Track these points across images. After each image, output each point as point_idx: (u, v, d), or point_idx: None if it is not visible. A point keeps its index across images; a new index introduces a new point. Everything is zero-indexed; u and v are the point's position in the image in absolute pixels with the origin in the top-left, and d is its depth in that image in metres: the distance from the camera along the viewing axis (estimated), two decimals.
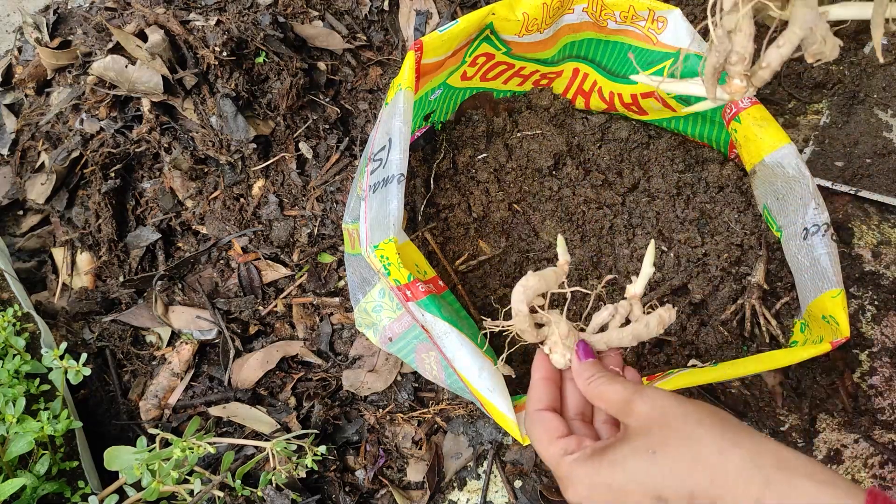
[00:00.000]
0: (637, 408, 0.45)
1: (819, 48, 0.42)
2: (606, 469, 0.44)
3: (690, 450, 0.41)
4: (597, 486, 0.44)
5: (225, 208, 0.84)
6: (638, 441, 0.43)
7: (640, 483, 0.42)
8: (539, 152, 0.81)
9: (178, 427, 0.77)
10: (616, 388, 0.47)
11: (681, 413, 0.43)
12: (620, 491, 0.43)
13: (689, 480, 0.41)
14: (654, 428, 0.43)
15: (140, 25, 0.82)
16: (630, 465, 0.43)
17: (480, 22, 0.70)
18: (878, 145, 0.89)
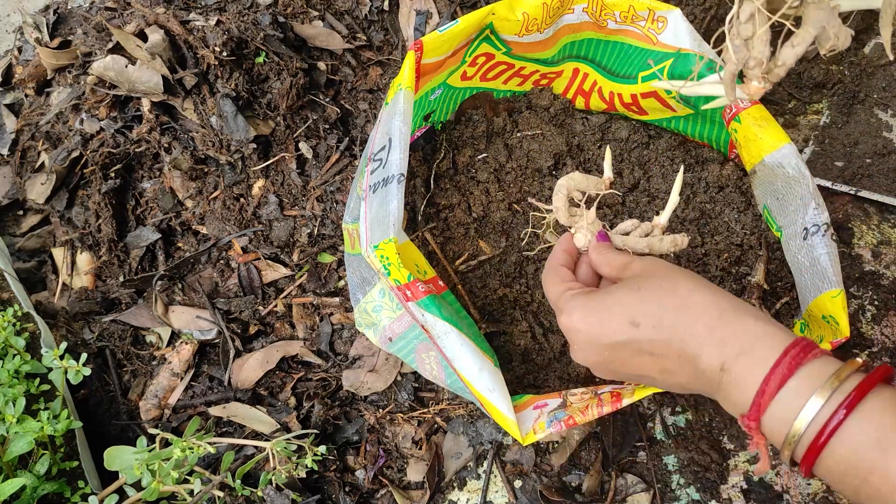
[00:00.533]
0: (633, 266, 0.53)
1: (833, 43, 0.44)
2: (597, 297, 0.52)
3: (667, 287, 0.49)
4: (587, 310, 0.51)
5: (225, 208, 0.84)
6: (627, 282, 0.51)
7: (621, 309, 0.49)
8: (539, 152, 0.81)
9: (178, 427, 0.77)
10: (620, 255, 0.56)
11: (666, 267, 0.51)
12: (605, 313, 0.50)
13: (660, 310, 0.48)
14: (642, 273, 0.52)
15: (140, 25, 0.82)
16: (617, 294, 0.51)
17: (480, 22, 0.70)
18: (878, 145, 0.89)
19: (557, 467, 0.77)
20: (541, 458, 0.77)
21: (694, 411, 0.80)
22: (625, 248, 0.58)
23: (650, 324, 0.48)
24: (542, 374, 0.74)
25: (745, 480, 0.76)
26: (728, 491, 0.76)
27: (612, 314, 0.50)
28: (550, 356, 0.74)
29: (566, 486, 0.76)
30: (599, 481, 0.76)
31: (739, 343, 0.45)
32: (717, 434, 0.79)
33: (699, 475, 0.76)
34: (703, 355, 0.46)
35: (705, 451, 0.77)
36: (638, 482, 0.76)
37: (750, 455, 0.78)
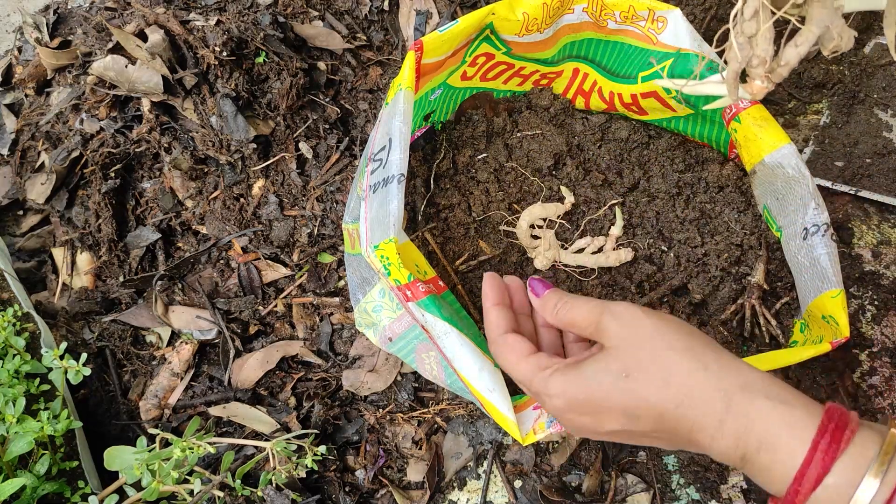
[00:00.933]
0: (607, 327, 0.47)
1: (836, 43, 0.44)
2: (582, 383, 0.46)
3: (661, 373, 0.44)
4: (574, 397, 0.46)
5: (225, 208, 0.84)
6: (611, 362, 0.45)
7: (615, 401, 0.45)
8: (539, 152, 0.81)
9: (178, 427, 0.77)
10: (583, 309, 0.49)
11: (651, 333, 0.45)
12: (596, 405, 0.45)
13: (659, 402, 0.43)
14: (626, 348, 0.45)
15: (140, 25, 0.82)
16: (605, 383, 0.45)
17: (480, 22, 0.70)
18: (878, 145, 0.89)
19: (557, 467, 0.77)
20: (541, 458, 0.77)
21: None
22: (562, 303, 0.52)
23: (650, 417, 0.44)
24: None
25: (745, 480, 0.76)
26: (728, 491, 0.76)
27: (607, 406, 0.45)
28: None
29: (566, 486, 0.76)
30: (599, 481, 0.76)
31: (757, 437, 0.41)
32: None
33: (699, 475, 0.76)
34: (718, 447, 0.42)
35: None
36: (638, 482, 0.76)
37: None
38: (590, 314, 0.48)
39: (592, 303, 0.48)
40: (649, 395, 0.43)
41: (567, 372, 0.46)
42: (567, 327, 0.50)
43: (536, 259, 0.76)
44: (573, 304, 0.50)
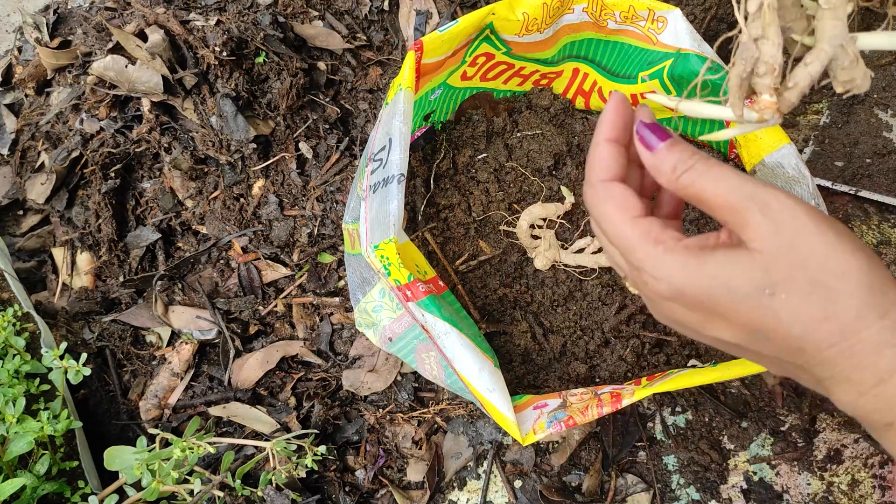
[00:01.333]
0: (756, 223, 0.34)
1: (850, 73, 0.38)
2: (705, 279, 0.35)
3: (821, 303, 0.33)
4: (686, 290, 0.35)
5: (225, 208, 0.84)
6: (753, 268, 0.34)
7: (745, 315, 0.34)
8: (539, 152, 0.81)
9: (178, 427, 0.77)
10: (720, 186, 0.35)
11: (820, 249, 0.33)
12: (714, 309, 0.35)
13: (806, 336, 0.33)
14: (778, 258, 0.34)
15: (140, 25, 0.82)
16: (738, 291, 0.34)
17: (480, 22, 0.70)
18: (878, 145, 0.89)
19: (557, 467, 0.77)
20: (541, 458, 0.77)
21: (694, 411, 0.80)
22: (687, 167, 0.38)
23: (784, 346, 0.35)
24: (542, 375, 0.74)
25: (745, 480, 0.76)
26: (728, 491, 0.76)
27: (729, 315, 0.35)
28: (550, 356, 0.74)
29: (566, 486, 0.76)
30: (599, 481, 0.76)
31: None
32: (717, 434, 0.79)
33: (699, 475, 0.76)
34: (862, 404, 0.34)
35: (705, 451, 0.77)
36: (638, 482, 0.76)
37: (750, 455, 0.78)
38: (730, 196, 0.35)
39: (735, 179, 0.35)
40: (795, 325, 0.33)
41: (688, 257, 0.35)
42: (691, 200, 0.37)
43: (536, 259, 0.76)
44: (705, 171, 0.36)
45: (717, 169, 0.36)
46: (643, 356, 0.74)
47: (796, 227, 0.34)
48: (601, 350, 0.74)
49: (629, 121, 0.41)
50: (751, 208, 0.34)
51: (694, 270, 0.35)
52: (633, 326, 0.75)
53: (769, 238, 0.34)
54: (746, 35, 0.38)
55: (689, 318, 0.37)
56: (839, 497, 0.76)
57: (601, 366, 0.74)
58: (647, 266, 0.36)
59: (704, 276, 0.35)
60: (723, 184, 0.35)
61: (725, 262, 0.34)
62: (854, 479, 0.76)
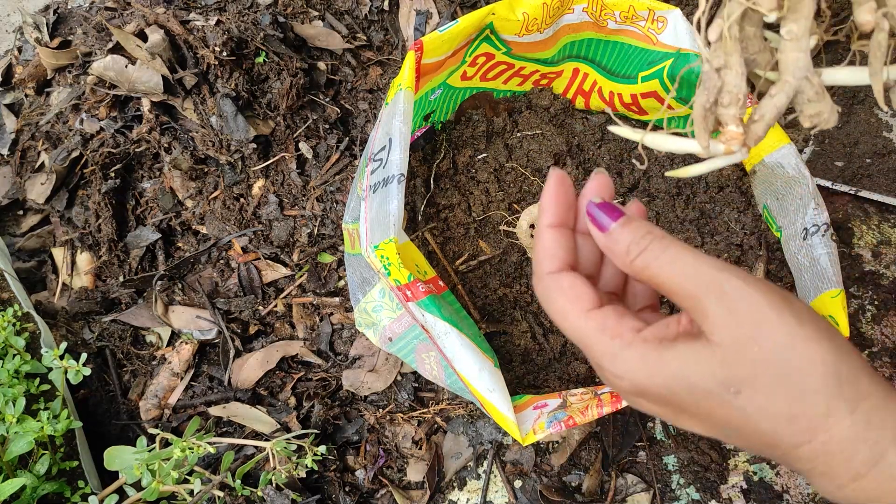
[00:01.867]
0: (714, 314, 0.32)
1: (816, 107, 0.37)
2: (666, 376, 0.32)
3: (787, 402, 0.31)
4: (649, 388, 0.33)
5: (225, 208, 0.84)
6: (715, 364, 0.32)
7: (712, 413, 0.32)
8: (539, 152, 0.81)
9: (178, 427, 0.77)
10: (677, 270, 0.33)
11: (782, 342, 0.31)
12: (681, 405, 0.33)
13: (777, 435, 0.31)
14: (739, 352, 0.31)
15: (140, 25, 0.82)
16: (700, 387, 0.32)
17: (480, 22, 0.70)
18: (878, 145, 0.89)
19: (557, 467, 0.77)
20: (541, 458, 0.77)
21: None
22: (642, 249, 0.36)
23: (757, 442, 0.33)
24: (542, 375, 0.74)
25: (745, 480, 0.77)
26: (728, 491, 0.76)
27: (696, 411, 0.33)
28: (550, 356, 0.74)
29: (566, 486, 0.76)
30: (599, 481, 0.76)
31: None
32: None
33: (699, 475, 0.76)
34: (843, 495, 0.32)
35: (705, 451, 0.77)
36: (638, 482, 0.76)
37: (750, 455, 0.78)
38: (686, 283, 0.32)
39: (690, 263, 0.33)
40: (763, 422, 0.31)
41: (647, 351, 0.33)
42: (650, 285, 0.35)
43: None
44: (660, 253, 0.34)
45: (673, 250, 0.33)
46: None
47: (754, 318, 0.31)
48: None
49: (571, 200, 0.40)
50: (708, 297, 0.32)
51: (654, 366, 0.33)
52: None
53: (728, 330, 0.31)
54: (708, 64, 0.35)
55: (658, 412, 0.35)
56: None
57: None
58: (605, 363, 0.34)
59: (665, 373, 0.32)
60: (678, 268, 0.33)
61: (686, 357, 0.32)
62: None
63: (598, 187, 0.39)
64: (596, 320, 0.34)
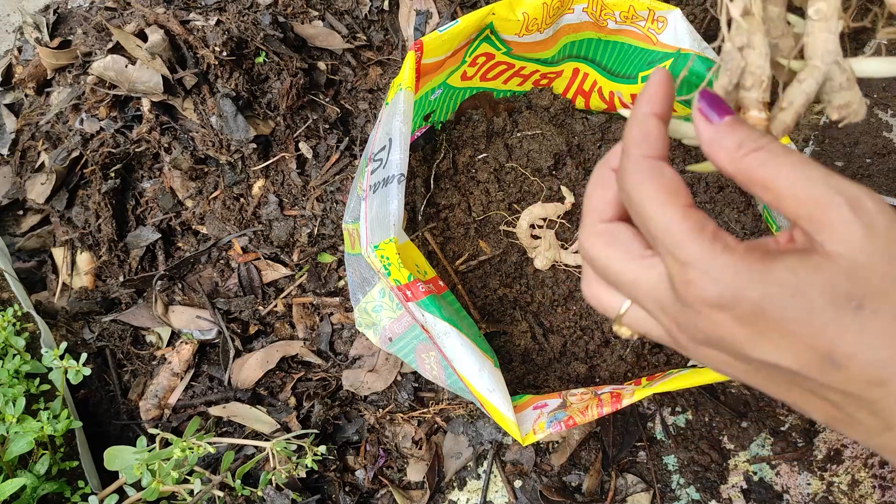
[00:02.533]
0: (843, 222, 0.28)
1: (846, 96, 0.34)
2: (770, 285, 0.28)
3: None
4: (743, 296, 0.28)
5: (225, 208, 0.84)
6: (836, 275, 0.28)
7: (818, 333, 0.28)
8: (539, 152, 0.81)
9: (178, 427, 0.77)
10: (803, 172, 0.29)
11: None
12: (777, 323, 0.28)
13: (892, 366, 0.27)
14: (869, 268, 0.28)
15: (140, 25, 0.82)
16: (815, 303, 0.28)
17: (480, 22, 0.70)
18: (878, 145, 0.89)
19: (557, 467, 0.77)
20: (541, 458, 0.77)
21: (694, 411, 0.80)
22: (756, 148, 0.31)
23: (863, 376, 0.28)
24: (542, 375, 0.74)
25: (745, 480, 0.77)
26: (728, 491, 0.76)
27: (795, 331, 0.28)
28: (550, 356, 0.74)
29: (566, 486, 0.76)
30: (599, 481, 0.76)
31: None
32: (717, 434, 0.79)
33: (699, 475, 0.76)
34: None
35: (705, 451, 0.77)
36: (638, 482, 0.76)
37: (750, 455, 0.78)
38: (813, 187, 0.28)
39: (818, 168, 0.29)
40: (881, 349, 0.27)
41: (751, 259, 0.28)
42: (753, 187, 0.30)
43: (536, 259, 0.76)
44: (781, 154, 0.30)
45: (797, 155, 0.30)
46: (643, 356, 0.74)
47: (889, 235, 0.28)
48: (601, 350, 0.74)
49: (672, 98, 0.34)
50: (839, 204, 0.28)
51: (759, 274, 0.28)
52: None
53: (860, 242, 0.28)
54: (730, 43, 0.34)
55: (736, 334, 0.29)
56: (839, 497, 0.76)
57: (601, 366, 0.74)
58: (699, 263, 0.29)
59: (772, 282, 0.28)
60: (803, 171, 0.29)
61: (800, 267, 0.28)
62: (854, 479, 0.76)
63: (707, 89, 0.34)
64: (695, 218, 0.30)
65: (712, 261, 0.29)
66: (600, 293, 0.35)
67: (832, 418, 0.30)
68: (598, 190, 0.35)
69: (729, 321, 0.29)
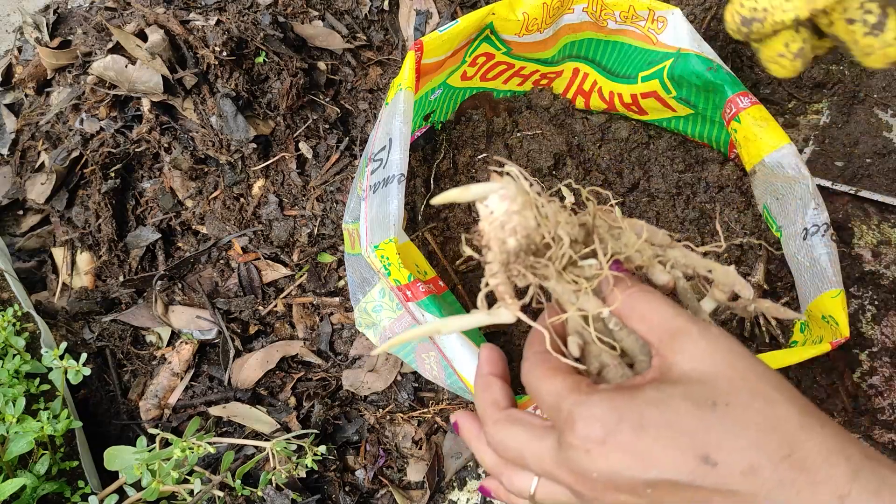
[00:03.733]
0: (691, 344, 0.34)
1: None
2: (636, 403, 0.32)
3: (766, 415, 0.31)
4: (621, 423, 0.32)
5: (225, 208, 0.84)
6: (692, 386, 0.32)
7: (686, 434, 0.31)
8: (539, 152, 0.81)
9: (178, 427, 0.77)
10: (661, 306, 0.35)
11: (754, 369, 0.33)
12: (653, 433, 0.31)
13: (755, 451, 0.31)
14: (716, 377, 0.33)
15: (140, 25, 0.82)
16: (673, 405, 0.32)
17: (480, 22, 0.70)
18: (878, 145, 0.89)
19: None
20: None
21: None
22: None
23: (735, 467, 0.31)
24: None
25: None
26: None
27: (668, 437, 0.31)
28: None
29: None
30: None
31: None
32: None
33: None
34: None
35: None
36: None
37: None
38: (670, 314, 0.35)
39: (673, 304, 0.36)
40: (742, 438, 0.31)
41: (616, 392, 0.34)
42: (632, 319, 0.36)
43: None
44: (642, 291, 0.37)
45: (659, 296, 0.37)
46: None
47: (729, 349, 0.34)
48: None
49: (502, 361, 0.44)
50: (689, 329, 0.34)
51: (631, 399, 0.33)
52: None
53: (706, 358, 0.33)
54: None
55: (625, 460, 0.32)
56: None
57: None
58: (580, 408, 0.33)
59: (643, 401, 0.32)
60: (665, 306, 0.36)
61: (663, 386, 0.33)
62: None
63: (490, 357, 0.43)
64: (573, 379, 0.35)
65: (589, 402, 0.33)
66: (513, 477, 0.39)
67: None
68: (485, 392, 0.40)
69: (616, 451, 0.32)
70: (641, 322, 0.36)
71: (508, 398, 0.40)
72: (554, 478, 0.35)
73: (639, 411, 0.32)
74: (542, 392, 0.36)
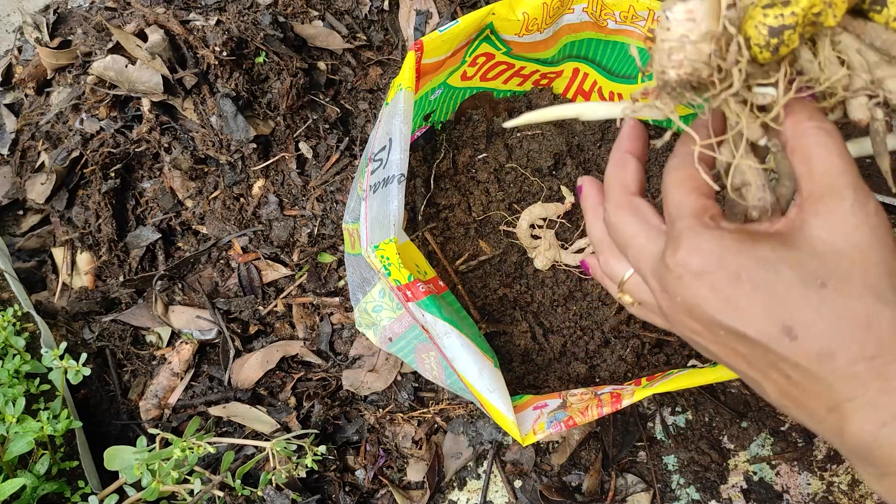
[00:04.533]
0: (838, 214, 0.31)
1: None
2: (745, 256, 0.32)
3: (869, 313, 0.30)
4: (721, 270, 0.32)
5: (225, 208, 0.84)
6: (811, 260, 0.31)
7: (781, 304, 0.31)
8: (539, 152, 0.81)
9: (178, 427, 0.77)
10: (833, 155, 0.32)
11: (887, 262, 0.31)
12: (747, 289, 0.31)
13: (839, 340, 0.30)
14: (840, 257, 0.31)
15: (140, 25, 0.82)
16: (784, 277, 0.31)
17: (480, 22, 0.70)
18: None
19: (557, 467, 0.77)
20: (541, 458, 0.77)
21: (694, 411, 0.80)
22: None
23: (814, 347, 0.30)
24: (542, 375, 0.74)
25: (745, 480, 0.77)
26: (728, 491, 0.76)
27: (761, 300, 0.31)
28: (550, 356, 0.74)
29: (566, 485, 0.76)
30: (599, 481, 0.76)
31: None
32: (717, 434, 0.79)
33: (699, 475, 0.76)
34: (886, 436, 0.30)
35: (705, 451, 0.77)
36: (638, 482, 0.76)
37: (750, 455, 0.78)
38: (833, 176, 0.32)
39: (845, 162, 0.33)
40: (835, 324, 0.30)
41: (735, 237, 0.32)
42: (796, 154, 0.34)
43: (536, 259, 0.76)
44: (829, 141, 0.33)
45: (842, 145, 0.33)
46: (643, 356, 0.74)
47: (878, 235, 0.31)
48: (601, 350, 0.74)
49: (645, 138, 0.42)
50: (845, 197, 0.32)
51: (741, 249, 0.32)
52: (633, 326, 0.75)
53: (846, 233, 0.31)
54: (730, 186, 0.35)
55: (710, 299, 0.32)
56: (839, 497, 0.76)
57: (601, 366, 0.74)
58: (691, 233, 0.33)
59: (751, 256, 0.32)
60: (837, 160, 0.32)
61: (779, 246, 0.32)
62: (854, 479, 0.76)
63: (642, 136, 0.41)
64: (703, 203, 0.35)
65: (703, 233, 0.33)
66: (610, 259, 0.40)
67: (783, 395, 0.33)
68: (618, 170, 0.40)
69: (705, 288, 0.32)
70: (804, 163, 0.33)
71: (639, 183, 0.40)
72: (645, 279, 0.37)
73: (744, 264, 0.31)
74: (670, 198, 0.36)
